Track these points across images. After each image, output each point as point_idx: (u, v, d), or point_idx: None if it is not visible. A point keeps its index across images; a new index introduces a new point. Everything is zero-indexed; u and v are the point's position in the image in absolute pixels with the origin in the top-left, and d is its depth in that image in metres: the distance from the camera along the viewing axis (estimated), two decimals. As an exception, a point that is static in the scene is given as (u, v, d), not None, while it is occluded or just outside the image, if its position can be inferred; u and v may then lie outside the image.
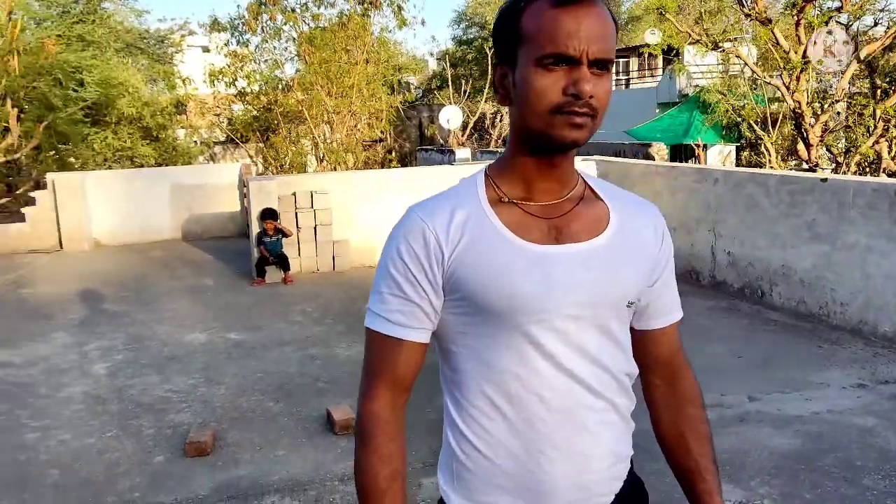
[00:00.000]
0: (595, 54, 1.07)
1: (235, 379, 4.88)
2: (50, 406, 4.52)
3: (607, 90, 1.10)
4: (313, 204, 7.96)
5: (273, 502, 3.31)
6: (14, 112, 17.48)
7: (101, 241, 10.22)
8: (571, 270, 1.14)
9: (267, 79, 19.32)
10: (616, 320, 1.19)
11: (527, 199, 1.17)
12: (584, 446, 1.17)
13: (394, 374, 1.18)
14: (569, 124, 1.08)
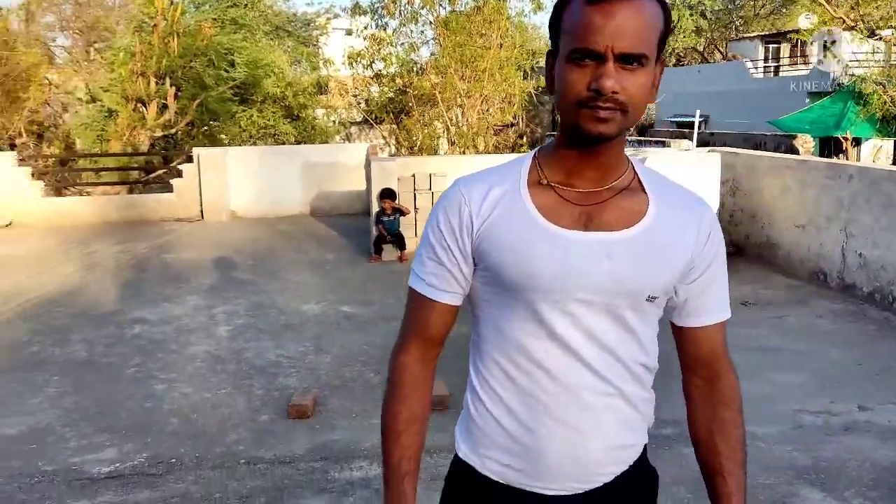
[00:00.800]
0: (621, 49, 1.09)
1: (342, 349, 5.15)
2: (177, 361, 4.95)
3: (640, 84, 1.12)
4: (431, 186, 8.16)
5: (361, 466, 3.50)
6: (172, 90, 18.85)
7: (238, 213, 10.91)
8: (590, 257, 1.18)
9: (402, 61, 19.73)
10: (633, 311, 1.21)
11: (566, 184, 1.21)
12: (581, 423, 1.21)
13: (425, 330, 1.29)
14: (593, 118, 1.12)
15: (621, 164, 1.24)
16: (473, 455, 1.29)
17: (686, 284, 1.25)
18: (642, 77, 1.12)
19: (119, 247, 8.87)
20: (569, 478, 1.23)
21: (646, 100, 1.15)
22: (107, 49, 23.58)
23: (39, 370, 4.81)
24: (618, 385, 1.23)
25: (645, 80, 1.13)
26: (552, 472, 1.23)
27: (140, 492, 3.29)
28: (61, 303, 6.42)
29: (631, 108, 1.12)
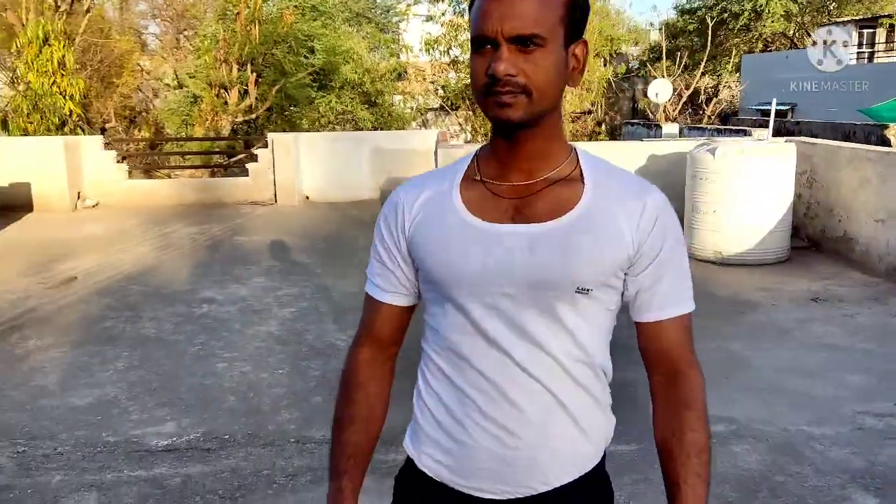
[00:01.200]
0: (511, 32, 1.08)
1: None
2: (239, 341, 5.11)
3: (540, 66, 1.09)
4: (498, 173, 8.13)
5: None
6: (253, 77, 19.35)
7: (310, 198, 11.15)
8: (513, 250, 1.15)
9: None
10: (565, 305, 1.16)
11: (500, 178, 1.20)
12: (509, 423, 1.18)
13: (373, 330, 1.32)
14: (496, 104, 1.11)
15: (556, 154, 1.20)
16: (414, 450, 1.29)
17: (634, 276, 1.19)
18: (542, 58, 1.10)
19: (195, 228, 9.20)
20: (498, 480, 1.19)
21: (554, 81, 1.12)
22: (194, 36, 24.38)
23: (110, 345, 5.05)
24: (549, 385, 1.17)
25: (546, 61, 1.10)
26: (481, 473, 1.20)
27: (193, 465, 3.42)
28: (136, 281, 6.71)
29: (535, 91, 1.10)
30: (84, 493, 3.20)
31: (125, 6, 26.14)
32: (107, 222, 9.63)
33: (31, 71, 13.98)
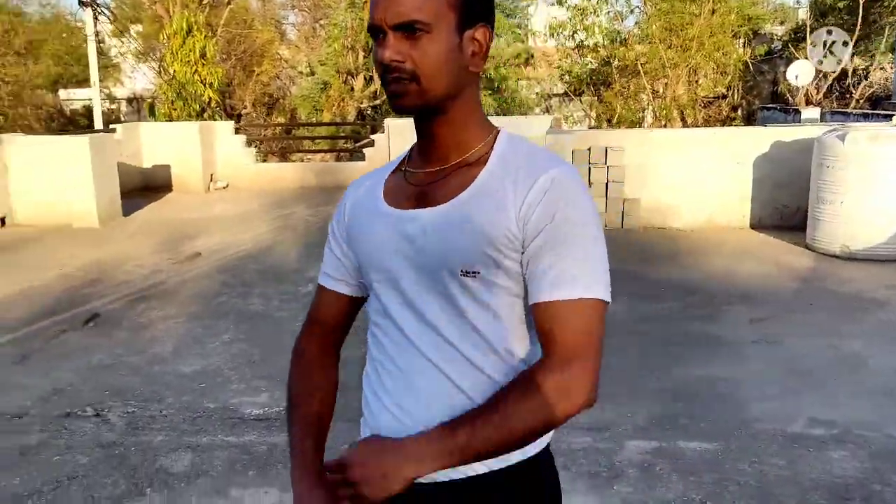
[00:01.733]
0: (393, 20, 1.09)
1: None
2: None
3: (426, 52, 1.10)
4: (607, 160, 7.97)
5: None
6: (378, 62, 19.79)
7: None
8: (410, 234, 1.17)
9: (606, 31, 19.21)
10: (458, 288, 1.13)
11: (419, 166, 1.22)
12: (411, 408, 1.19)
13: (318, 317, 1.36)
14: (391, 94, 1.13)
15: (469, 140, 1.19)
16: (363, 426, 1.31)
17: (523, 254, 1.13)
18: (428, 44, 1.10)
19: (312, 210, 9.60)
20: None
21: (445, 67, 1.11)
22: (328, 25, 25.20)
23: (221, 318, 5.38)
24: (449, 373, 1.16)
25: (433, 47, 1.10)
26: None
27: (279, 435, 3.61)
28: (253, 259, 7.11)
29: (423, 77, 1.10)
30: (181, 453, 3.46)
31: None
32: (234, 203, 10.21)
33: (176, 60, 14.96)
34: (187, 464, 3.35)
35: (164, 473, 3.27)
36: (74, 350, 4.82)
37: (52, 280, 6.54)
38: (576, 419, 3.27)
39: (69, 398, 4.06)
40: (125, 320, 5.41)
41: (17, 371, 4.48)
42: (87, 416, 3.83)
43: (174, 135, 11.42)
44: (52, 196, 8.80)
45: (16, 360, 4.66)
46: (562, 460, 3.28)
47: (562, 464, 3.25)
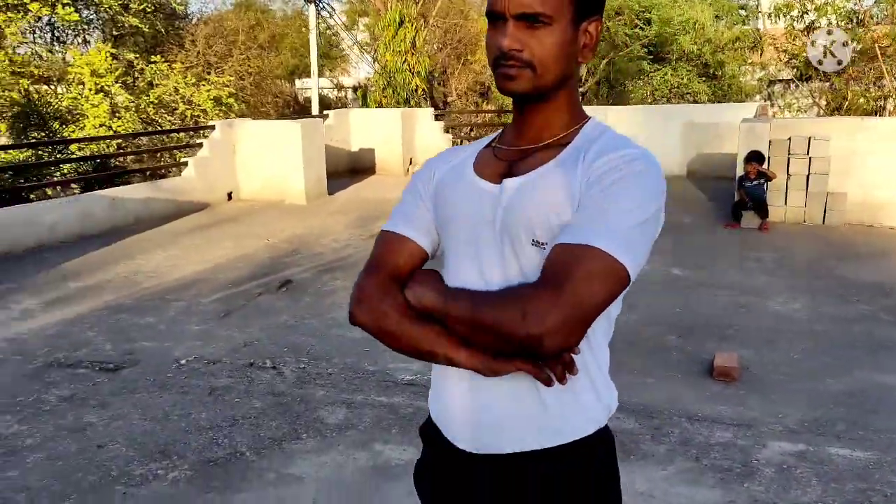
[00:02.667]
0: (516, 9, 1.15)
1: (650, 309, 5.16)
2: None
3: (544, 43, 1.16)
4: (809, 151, 7.41)
5: (618, 417, 3.60)
6: (584, 51, 19.66)
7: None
8: (491, 203, 1.22)
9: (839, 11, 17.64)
10: (528, 259, 1.17)
11: (510, 143, 1.29)
12: (480, 384, 1.23)
13: (385, 261, 1.30)
14: (502, 76, 1.19)
15: (561, 124, 1.25)
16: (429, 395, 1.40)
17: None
18: (547, 36, 1.16)
19: (499, 195, 9.84)
20: (466, 432, 1.27)
21: (559, 57, 1.17)
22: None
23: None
24: None
25: (552, 38, 1.16)
26: (453, 423, 1.29)
27: (426, 401, 3.87)
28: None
29: (539, 66, 1.17)
30: (337, 407, 3.82)
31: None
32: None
33: (388, 51, 15.87)
34: (341, 417, 3.70)
35: (320, 423, 3.64)
36: (267, 310, 5.42)
37: (260, 249, 7.33)
38: (720, 414, 3.24)
39: (255, 351, 4.60)
40: (312, 287, 5.98)
41: (220, 324, 5.13)
42: (265, 368, 4.33)
43: (379, 120, 12.18)
44: (269, 175, 9.80)
45: (220, 315, 5.34)
46: (694, 452, 3.24)
47: (693, 455, 3.21)
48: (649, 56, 20.87)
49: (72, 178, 10.90)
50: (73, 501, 2.99)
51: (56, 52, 16.92)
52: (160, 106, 16.12)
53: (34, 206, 7.90)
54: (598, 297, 1.09)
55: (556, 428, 1.23)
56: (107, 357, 4.55)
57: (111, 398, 3.95)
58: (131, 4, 16.30)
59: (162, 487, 3.09)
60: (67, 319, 5.31)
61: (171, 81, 16.36)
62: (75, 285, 6.18)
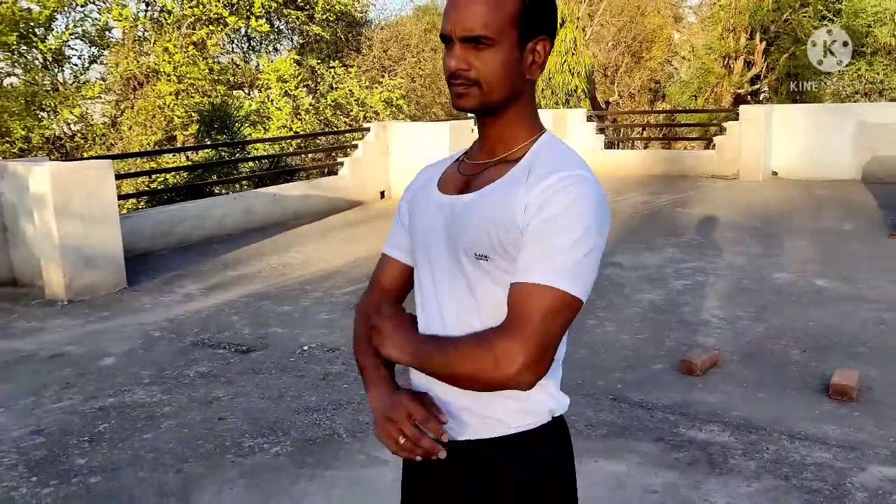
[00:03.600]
0: (461, 33, 1.24)
1: (780, 321, 4.89)
2: (620, 304, 5.42)
3: (489, 62, 1.24)
4: None
5: (712, 430, 3.49)
6: (761, 46, 18.57)
7: (778, 174, 10.52)
8: (438, 214, 1.33)
9: None
10: (473, 271, 1.27)
11: (473, 157, 1.37)
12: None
13: (379, 282, 1.49)
14: (454, 94, 1.29)
15: (515, 139, 1.32)
16: None
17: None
18: (491, 55, 1.24)
19: (645, 197, 9.60)
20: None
21: (505, 75, 1.25)
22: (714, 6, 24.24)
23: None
24: None
25: (496, 58, 1.24)
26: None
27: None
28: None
29: (485, 84, 1.25)
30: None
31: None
32: (576, 188, 10.65)
33: (547, 52, 15.88)
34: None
35: (417, 412, 3.81)
36: (393, 304, 5.69)
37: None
38: (825, 433, 3.12)
39: (372, 341, 4.87)
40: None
41: (346, 315, 5.47)
42: (378, 357, 4.58)
43: (534, 121, 12.23)
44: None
45: (349, 306, 5.68)
46: (785, 471, 3.09)
47: (783, 474, 3.07)
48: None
49: (243, 176, 11.89)
50: (189, 464, 3.37)
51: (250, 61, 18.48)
52: (337, 108, 17.16)
53: (206, 202, 8.73)
54: (557, 329, 1.20)
55: (491, 407, 1.31)
56: (243, 340, 5.01)
57: (238, 377, 4.35)
58: (316, 14, 17.47)
59: (265, 459, 3.39)
60: (219, 304, 5.88)
61: (347, 85, 17.37)
62: (232, 274, 6.80)
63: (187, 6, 15.34)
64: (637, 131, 18.41)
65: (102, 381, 4.35)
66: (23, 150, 13.81)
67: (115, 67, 15.18)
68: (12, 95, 14.02)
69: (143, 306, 5.89)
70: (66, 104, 14.37)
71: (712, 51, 19.59)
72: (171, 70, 14.67)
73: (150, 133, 14.25)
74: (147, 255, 7.47)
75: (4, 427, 3.80)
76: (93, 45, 15.56)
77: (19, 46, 14.29)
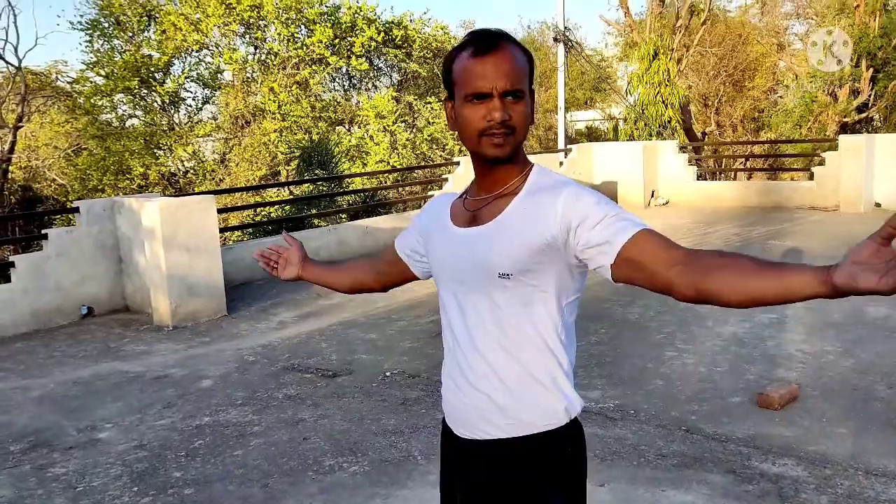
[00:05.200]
0: (504, 88, 1.43)
1: (868, 356, 4.74)
2: (702, 336, 5.38)
3: (521, 112, 1.45)
4: None
5: (785, 464, 3.44)
6: (868, 73, 17.87)
7: (882, 205, 10.08)
8: (463, 246, 1.53)
9: None
10: (496, 289, 1.47)
11: (475, 194, 1.58)
12: (462, 384, 1.55)
13: (380, 258, 1.90)
14: (492, 144, 1.46)
15: (512, 175, 1.52)
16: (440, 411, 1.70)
17: (578, 246, 1.40)
18: (522, 106, 1.46)
19: (738, 229, 9.40)
20: (458, 423, 1.57)
21: (528, 122, 1.47)
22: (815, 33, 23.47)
23: (597, 322, 5.89)
24: (485, 354, 1.50)
25: (524, 108, 1.46)
26: (453, 415, 1.60)
27: (591, 427, 4.00)
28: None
29: (518, 130, 1.46)
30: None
31: (765, 10, 26.36)
32: (667, 219, 10.56)
33: (641, 83, 15.83)
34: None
35: (490, 438, 3.93)
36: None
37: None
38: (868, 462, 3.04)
39: (451, 369, 5.03)
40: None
41: (428, 343, 5.66)
42: (456, 384, 4.73)
43: (620, 153, 12.24)
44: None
45: (431, 335, 5.87)
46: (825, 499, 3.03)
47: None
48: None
49: (341, 209, 12.38)
50: (273, 479, 3.60)
51: (350, 98, 19.26)
52: (433, 142, 17.64)
53: (302, 234, 9.17)
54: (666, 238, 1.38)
55: (516, 410, 1.49)
56: (330, 365, 5.27)
57: (323, 400, 4.60)
58: (414, 52, 18.08)
59: (343, 478, 3.59)
60: (310, 331, 6.19)
61: (443, 119, 17.81)
62: (324, 303, 7.13)
63: (292, 48, 16.21)
64: (739, 162, 17.96)
65: (200, 402, 4.69)
66: (141, 187, 14.85)
67: (226, 107, 16.17)
68: (133, 136, 15.14)
69: (240, 332, 6.28)
70: (181, 143, 15.40)
71: (816, 79, 19.01)
72: (276, 108, 15.50)
73: (255, 168, 15.07)
74: (246, 285, 7.93)
75: (111, 441, 4.17)
76: (206, 86, 16.65)
77: (140, 90, 15.46)
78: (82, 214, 7.10)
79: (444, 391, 1.63)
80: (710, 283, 1.25)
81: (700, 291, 1.26)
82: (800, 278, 1.16)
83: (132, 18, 15.58)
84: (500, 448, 1.50)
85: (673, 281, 1.30)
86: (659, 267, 1.32)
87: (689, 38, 19.90)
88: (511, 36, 1.47)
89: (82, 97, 15.49)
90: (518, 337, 1.47)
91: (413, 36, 17.97)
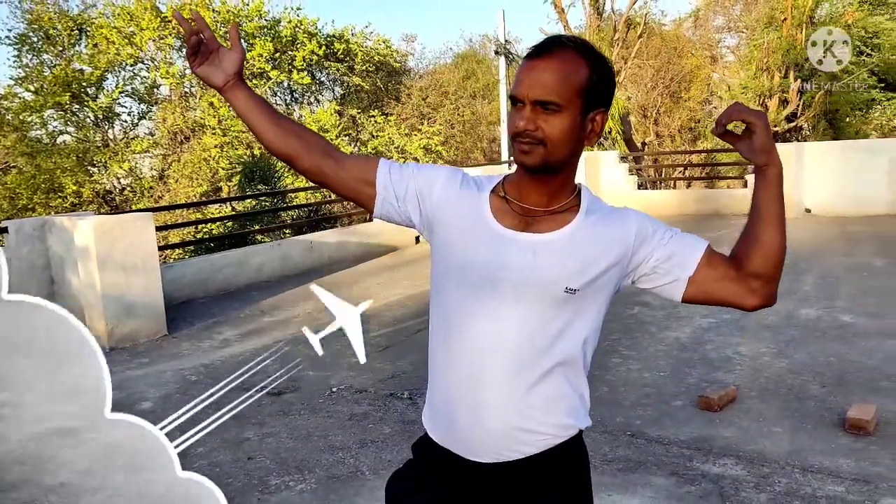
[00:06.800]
0: (533, 97, 1.37)
1: (802, 357, 4.89)
2: (645, 343, 5.48)
3: (556, 125, 1.37)
4: None
5: (726, 464, 3.53)
6: (796, 84, 18.53)
7: (812, 211, 10.46)
8: (519, 252, 1.42)
9: None
10: (552, 301, 1.40)
11: (517, 199, 1.48)
12: (481, 400, 1.44)
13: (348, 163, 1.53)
14: (518, 150, 1.42)
15: (565, 193, 1.48)
16: (427, 420, 1.59)
17: (650, 261, 1.47)
18: (558, 120, 1.38)
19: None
20: (474, 451, 1.47)
21: (567, 139, 1.40)
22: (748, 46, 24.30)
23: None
24: (517, 368, 1.41)
25: (562, 122, 1.38)
26: (461, 440, 1.48)
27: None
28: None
29: (550, 144, 1.39)
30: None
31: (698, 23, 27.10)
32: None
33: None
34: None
35: (438, 450, 3.92)
36: (422, 345, 5.82)
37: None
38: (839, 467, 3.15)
39: (398, 382, 5.01)
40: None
41: (377, 357, 5.62)
42: (402, 398, 4.71)
43: (563, 165, 12.41)
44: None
45: (380, 348, 5.84)
46: (796, 503, 3.12)
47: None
48: (880, 84, 19.16)
49: (284, 224, 12.25)
50: (217, 501, 3.52)
51: (293, 112, 19.10)
52: (377, 155, 17.62)
53: (245, 250, 9.03)
54: None
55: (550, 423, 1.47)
56: (275, 383, 5.19)
57: (269, 418, 4.52)
58: (356, 66, 18.04)
59: (290, 497, 3.53)
60: (255, 348, 6.09)
61: (387, 133, 17.81)
62: (268, 319, 7.03)
63: (231, 63, 15.97)
64: (678, 171, 18.41)
65: (140, 423, 4.56)
66: (74, 205, 14.44)
67: (163, 123, 15.87)
68: (65, 153, 14.73)
69: (181, 352, 6.14)
70: (116, 159, 15.04)
71: (748, 90, 19.61)
72: (216, 123, 15.27)
73: (196, 185, 14.80)
74: (188, 303, 7.76)
75: (48, 467, 4.02)
76: (142, 101, 16.32)
77: (72, 106, 15.06)
78: (11, 234, 6.85)
79: (445, 417, 1.52)
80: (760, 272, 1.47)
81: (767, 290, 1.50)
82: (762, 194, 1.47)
83: (62, 32, 15.20)
84: (529, 463, 1.46)
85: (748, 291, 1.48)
86: (731, 275, 1.47)
87: (626, 51, 20.34)
88: (579, 45, 1.41)
89: (10, 113, 15.01)
90: (562, 349, 1.44)
91: (355, 49, 17.97)
